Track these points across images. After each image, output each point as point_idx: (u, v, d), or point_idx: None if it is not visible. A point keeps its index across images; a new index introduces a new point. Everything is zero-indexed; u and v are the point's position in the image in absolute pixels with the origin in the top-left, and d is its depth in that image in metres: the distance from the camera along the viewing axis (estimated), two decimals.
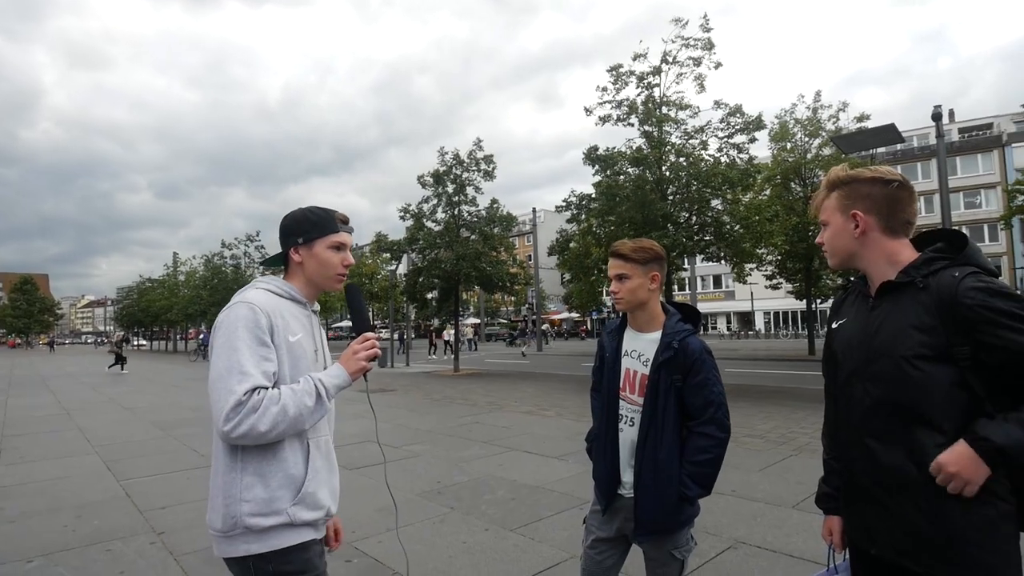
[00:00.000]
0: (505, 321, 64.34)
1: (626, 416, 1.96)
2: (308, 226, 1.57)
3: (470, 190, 19.27)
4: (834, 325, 1.55)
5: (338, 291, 1.68)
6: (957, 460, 1.20)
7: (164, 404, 11.65)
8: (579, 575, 2.10)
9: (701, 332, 2.07)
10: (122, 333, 31.85)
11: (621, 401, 1.98)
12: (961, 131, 46.39)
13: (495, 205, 19.47)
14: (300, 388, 1.42)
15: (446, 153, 19.27)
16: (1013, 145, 40.28)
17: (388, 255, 22.19)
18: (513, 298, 28.81)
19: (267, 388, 1.38)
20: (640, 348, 1.96)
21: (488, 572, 3.28)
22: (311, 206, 1.62)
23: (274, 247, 1.75)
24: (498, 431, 7.65)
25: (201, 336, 36.27)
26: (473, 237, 18.74)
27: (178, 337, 54.75)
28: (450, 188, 19.08)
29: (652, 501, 1.86)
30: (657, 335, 1.92)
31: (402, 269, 26.90)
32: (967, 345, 1.22)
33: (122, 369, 21.86)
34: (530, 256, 36.43)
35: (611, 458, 1.97)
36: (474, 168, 19.23)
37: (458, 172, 19.17)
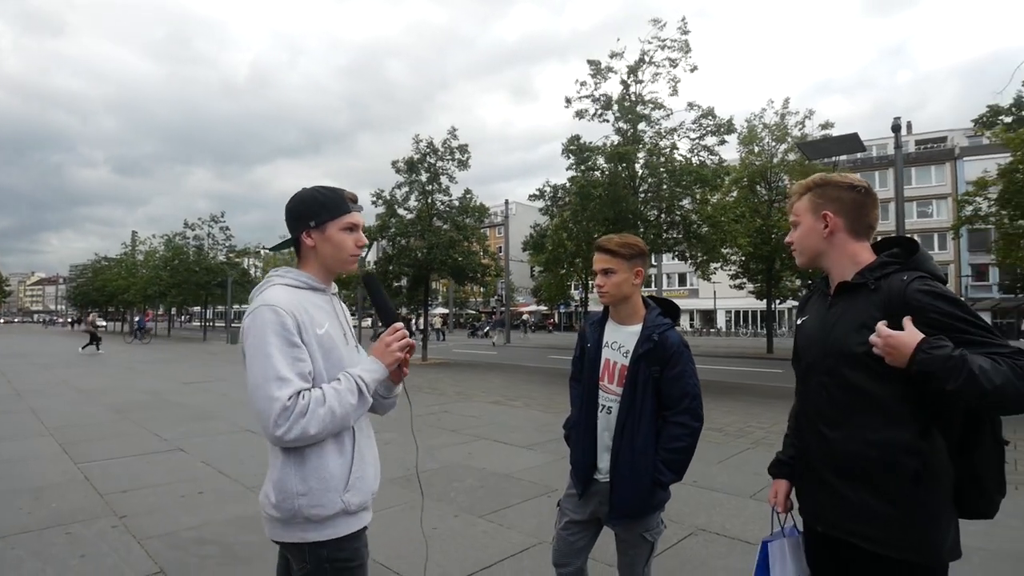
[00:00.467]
0: (473, 312, 64.26)
1: (605, 405, 2.04)
2: (318, 208, 1.52)
3: (444, 179, 19.16)
4: (799, 321, 1.68)
5: (352, 272, 1.66)
6: (900, 343, 1.29)
7: (120, 386, 11.30)
8: (550, 557, 2.18)
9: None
10: (93, 313, 31.11)
11: (600, 391, 2.05)
12: (918, 143, 48.29)
13: (468, 195, 19.41)
14: (343, 387, 1.43)
15: (420, 141, 19.08)
16: (965, 159, 42.13)
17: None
18: (483, 289, 28.83)
19: (309, 390, 1.39)
20: (621, 340, 2.04)
21: (457, 557, 3.34)
22: (317, 186, 1.57)
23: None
24: (466, 420, 7.71)
25: (137, 319, 34.09)
26: (446, 227, 18.65)
27: (135, 318, 52.98)
28: (424, 176, 18.93)
29: (628, 486, 1.95)
30: (638, 328, 2.01)
31: (371, 256, 26.60)
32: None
33: (97, 348, 21.47)
34: (501, 248, 36.51)
35: (589, 445, 2.05)
36: (448, 157, 19.11)
37: (432, 161, 19.02)
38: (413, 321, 28.84)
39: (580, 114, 15.32)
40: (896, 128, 11.56)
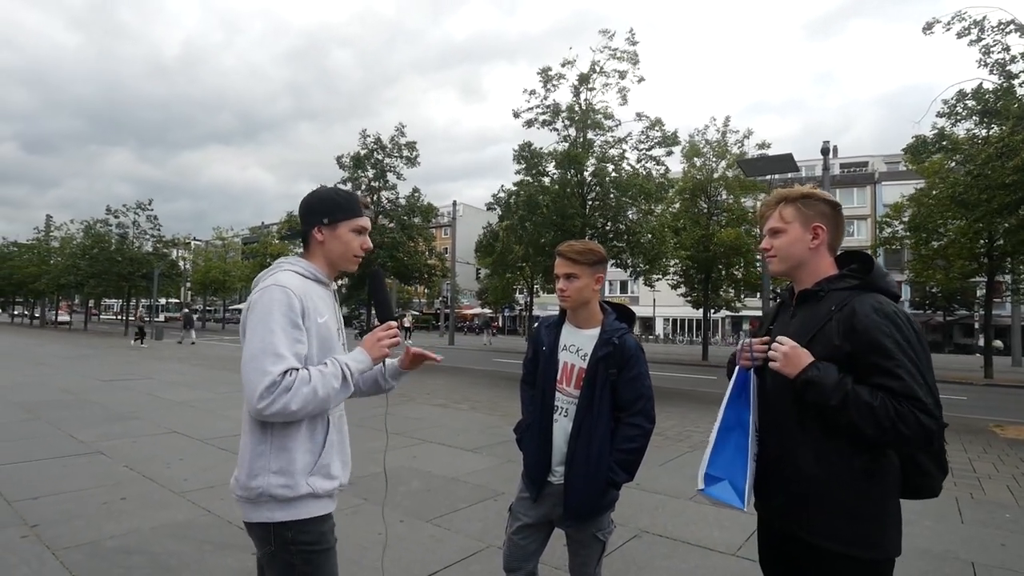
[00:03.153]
0: (416, 313, 63.49)
1: (561, 407, 2.06)
2: (334, 207, 1.62)
3: (391, 176, 18.87)
4: (769, 328, 1.73)
5: (353, 272, 1.75)
6: (797, 356, 1.46)
7: (31, 383, 10.43)
8: (497, 561, 2.17)
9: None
10: (142, 308, 30.27)
11: (557, 393, 2.07)
12: (842, 166, 51.62)
13: (416, 194, 19.18)
14: (328, 371, 1.49)
15: (368, 136, 18.74)
16: (883, 183, 45.43)
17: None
18: (427, 290, 28.58)
19: (299, 369, 1.45)
20: (579, 343, 2.07)
21: (404, 563, 3.27)
22: (336, 187, 1.73)
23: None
24: (410, 423, 7.59)
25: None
26: (391, 225, 18.35)
27: (47, 309, 49.02)
28: (370, 173, 18.58)
29: (583, 487, 1.97)
30: (596, 331, 2.04)
31: None
32: (851, 352, 1.43)
33: (142, 343, 22.43)
34: (447, 249, 36.28)
35: (545, 447, 2.06)
36: (396, 154, 18.84)
37: (379, 157, 18.69)
38: (408, 317, 31.08)
39: (529, 124, 15.44)
40: (825, 152, 12.32)
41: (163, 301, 57.57)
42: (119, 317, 43.74)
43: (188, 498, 4.27)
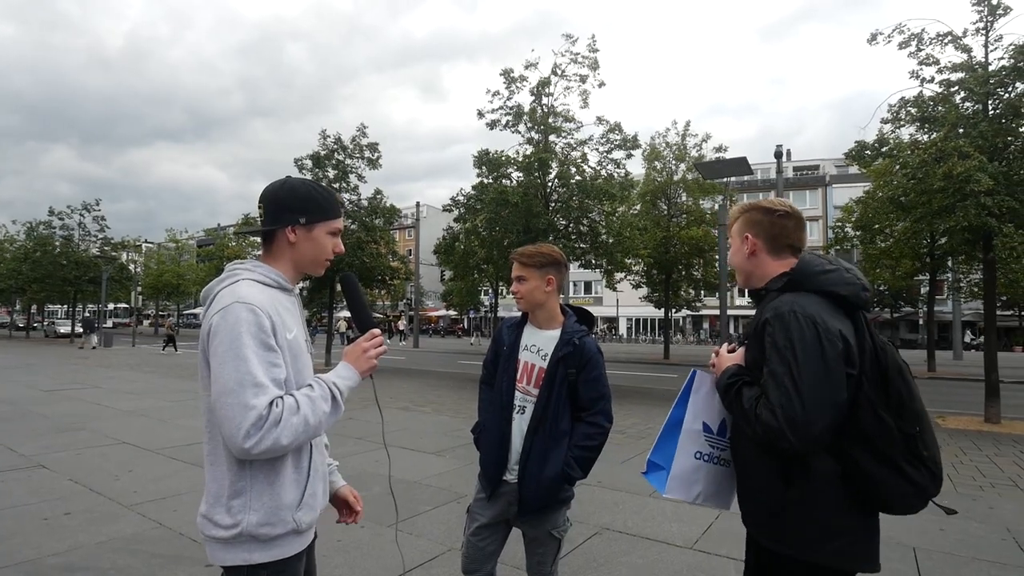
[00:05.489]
0: (381, 316, 62.61)
1: (520, 406, 2.09)
2: (313, 206, 1.44)
3: (352, 177, 18.56)
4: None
5: (319, 275, 1.56)
6: (719, 365, 1.61)
7: None
8: (459, 563, 2.17)
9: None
10: (170, 318, 32.11)
11: (517, 392, 2.10)
12: (795, 169, 53.50)
13: (378, 196, 18.92)
14: (316, 394, 1.34)
15: (328, 136, 18.37)
16: (834, 185, 47.26)
17: (259, 239, 20.77)
18: (390, 293, 28.29)
19: (282, 398, 1.29)
20: (540, 343, 2.11)
21: (364, 570, 3.23)
22: (311, 182, 1.48)
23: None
24: (373, 427, 7.48)
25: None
26: (353, 227, 18.03)
27: None
28: (331, 174, 18.23)
29: (536, 483, 2.00)
30: (556, 332, 2.09)
31: None
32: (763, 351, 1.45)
33: (176, 349, 22.71)
34: (410, 251, 36.01)
35: (503, 445, 2.08)
36: (357, 155, 18.54)
37: (340, 158, 18.36)
38: (402, 320, 30.72)
39: (492, 125, 15.47)
40: (779, 155, 12.74)
41: (111, 307, 55.29)
42: (70, 324, 41.56)
43: (137, 511, 4.11)
